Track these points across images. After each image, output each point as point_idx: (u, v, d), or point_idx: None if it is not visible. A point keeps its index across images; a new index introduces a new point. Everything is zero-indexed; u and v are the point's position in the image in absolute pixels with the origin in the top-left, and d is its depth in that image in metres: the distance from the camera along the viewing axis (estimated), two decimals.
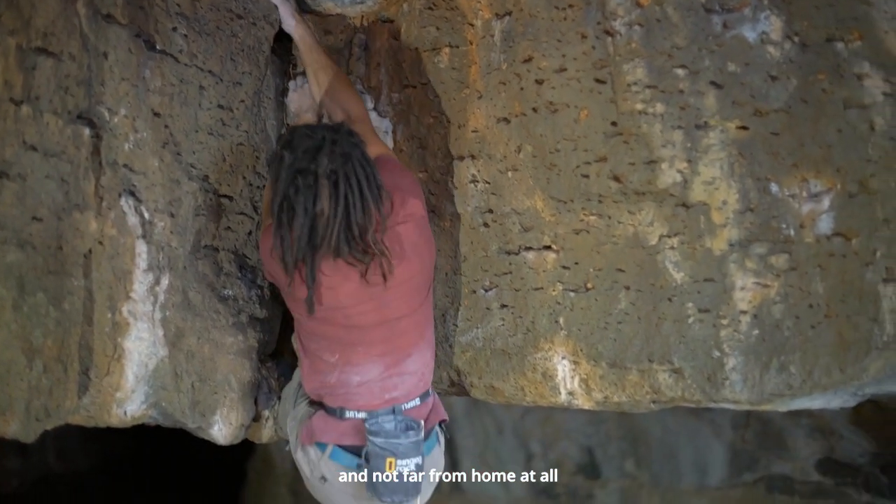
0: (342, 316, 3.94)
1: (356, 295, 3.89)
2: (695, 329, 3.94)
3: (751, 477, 9.32)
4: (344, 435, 4.04)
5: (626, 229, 4.01)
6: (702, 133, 3.80)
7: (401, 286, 3.95)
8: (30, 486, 13.64)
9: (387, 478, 3.91)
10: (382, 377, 4.04)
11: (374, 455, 3.91)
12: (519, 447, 10.30)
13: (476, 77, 4.25)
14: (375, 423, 3.97)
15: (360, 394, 4.03)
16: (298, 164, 3.66)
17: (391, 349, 4.04)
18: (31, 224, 3.41)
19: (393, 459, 3.90)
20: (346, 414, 4.04)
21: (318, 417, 4.10)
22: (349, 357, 4.00)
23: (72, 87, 3.57)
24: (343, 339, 4.00)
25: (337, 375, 4.04)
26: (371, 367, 4.02)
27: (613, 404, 4.20)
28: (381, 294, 3.91)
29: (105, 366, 3.80)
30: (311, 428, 4.10)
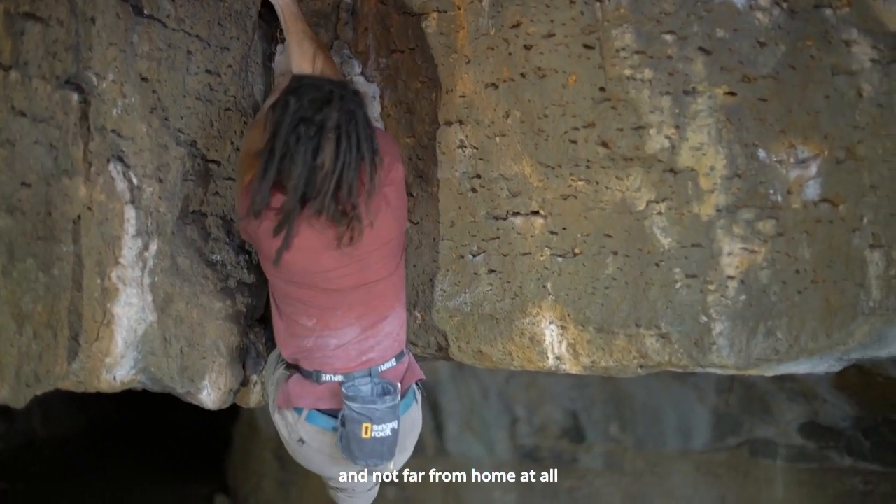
0: (322, 279, 3.94)
1: (337, 258, 3.89)
2: (682, 294, 3.95)
3: (734, 441, 9.39)
4: (320, 399, 4.07)
5: (614, 195, 4.01)
6: (690, 99, 3.79)
7: (381, 248, 3.98)
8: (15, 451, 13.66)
9: (363, 442, 3.94)
10: (359, 339, 4.06)
11: (351, 419, 3.94)
12: (504, 411, 10.34)
13: (464, 42, 4.23)
14: (352, 387, 4.00)
15: (336, 356, 4.05)
16: (304, 112, 3.65)
17: (369, 311, 4.06)
18: (19, 190, 3.39)
19: (369, 425, 3.93)
20: (323, 377, 4.07)
21: (294, 381, 4.13)
22: (327, 321, 4.02)
23: (60, 53, 3.55)
24: (322, 302, 4.01)
25: (314, 340, 4.07)
26: (349, 330, 4.04)
27: (601, 369, 4.22)
28: (362, 256, 3.92)
29: (94, 331, 3.80)
30: (287, 392, 4.12)
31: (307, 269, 3.90)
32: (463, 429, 10.55)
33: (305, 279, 3.94)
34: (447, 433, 10.60)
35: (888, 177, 3.70)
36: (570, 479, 10.07)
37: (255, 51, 4.56)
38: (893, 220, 3.72)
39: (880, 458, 8.80)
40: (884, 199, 3.72)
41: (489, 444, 10.48)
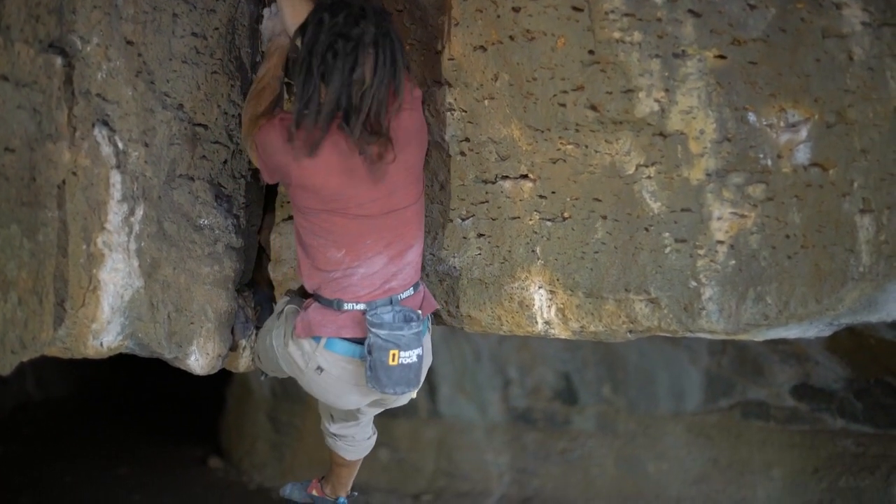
0: (354, 205, 3.91)
1: (367, 182, 3.88)
2: (671, 259, 3.94)
3: (727, 402, 9.42)
4: (343, 327, 4.04)
5: (604, 158, 4.00)
6: (679, 62, 3.76)
7: (408, 173, 3.99)
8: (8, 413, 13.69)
9: (391, 369, 3.95)
10: (384, 268, 4.04)
11: (378, 347, 3.94)
12: (496, 373, 10.37)
13: (453, 4, 4.19)
14: (376, 315, 3.98)
15: (360, 285, 4.02)
16: (340, 28, 3.66)
17: (397, 239, 4.04)
18: (3, 155, 3.36)
19: (396, 351, 3.94)
20: (345, 306, 4.03)
21: (315, 310, 4.09)
22: (358, 251, 3.99)
23: (43, 16, 3.51)
24: (352, 231, 3.98)
25: (342, 272, 4.03)
26: (377, 259, 4.03)
27: (590, 334, 4.21)
28: (391, 181, 3.91)
29: (80, 297, 3.78)
30: (308, 320, 4.09)
31: (337, 193, 3.88)
32: (455, 391, 10.59)
33: (335, 206, 3.91)
34: (440, 395, 10.63)
35: (879, 141, 3.66)
36: (562, 441, 10.10)
37: (242, 13, 4.51)
38: (884, 184, 3.69)
39: (872, 419, 8.83)
40: (874, 163, 3.68)
41: (482, 406, 10.52)
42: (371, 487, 10.86)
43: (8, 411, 13.72)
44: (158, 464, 12.07)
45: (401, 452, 10.90)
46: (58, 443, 12.62)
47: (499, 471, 10.38)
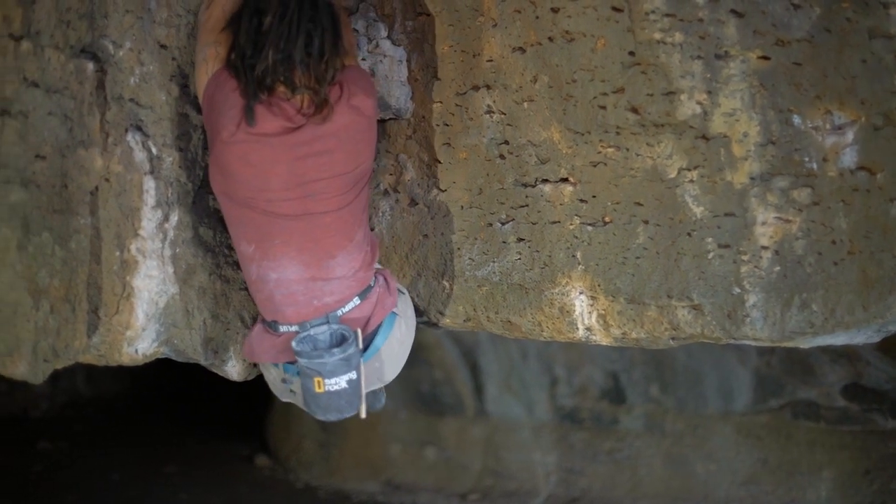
0: (264, 200, 3.81)
1: (285, 178, 3.78)
2: (715, 265, 3.87)
3: (776, 403, 9.31)
4: (281, 352, 4.01)
5: (645, 162, 3.93)
6: (722, 63, 3.69)
7: (332, 179, 3.86)
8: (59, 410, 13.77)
9: (317, 396, 3.87)
10: (305, 280, 3.92)
11: (303, 374, 3.87)
12: (543, 372, 10.32)
13: (490, 5, 4.15)
14: (303, 339, 3.89)
15: (286, 303, 3.92)
16: None
17: (311, 247, 3.91)
18: (34, 162, 3.37)
19: (320, 379, 3.84)
20: (280, 328, 3.97)
21: (256, 333, 4.08)
22: (266, 250, 3.89)
23: (73, 21, 3.51)
24: (261, 227, 3.88)
25: (256, 270, 3.94)
26: (288, 264, 3.90)
27: (632, 340, 4.15)
28: (311, 183, 3.81)
29: (114, 305, 3.77)
30: (250, 345, 4.09)
31: (251, 183, 3.77)
32: (502, 390, 10.54)
33: (246, 196, 3.81)
34: (487, 394, 10.59)
35: None
36: (610, 441, 10.03)
37: None
38: None
39: None
40: None
41: (529, 405, 10.46)
42: (418, 487, 10.84)
43: (58, 408, 13.81)
44: (205, 462, 12.08)
45: (448, 451, 10.87)
46: (106, 440, 12.66)
47: (546, 470, 10.33)
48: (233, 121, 3.70)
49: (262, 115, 3.71)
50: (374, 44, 4.51)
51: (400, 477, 11.07)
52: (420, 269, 4.56)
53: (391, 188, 4.60)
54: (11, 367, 3.40)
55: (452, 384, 10.75)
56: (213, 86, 3.80)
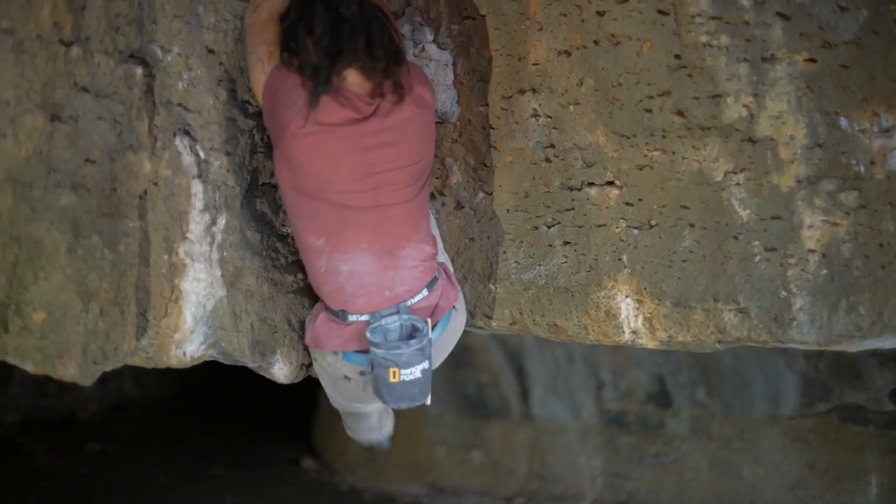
0: (335, 192, 3.85)
1: (354, 168, 3.83)
2: (761, 268, 3.86)
3: (824, 406, 9.24)
4: (349, 341, 4.00)
5: (691, 165, 3.93)
6: (768, 66, 3.69)
7: (400, 170, 3.91)
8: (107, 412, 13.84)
9: (392, 386, 3.89)
10: (377, 272, 3.94)
11: (378, 364, 3.88)
12: (589, 375, 10.30)
13: (536, 8, 4.15)
14: (377, 329, 3.91)
15: (357, 294, 3.94)
16: None
17: (382, 238, 3.95)
18: (84, 166, 3.40)
19: (396, 369, 3.86)
20: (349, 317, 3.97)
21: (322, 321, 4.07)
22: (337, 242, 3.92)
23: (123, 27, 3.53)
24: (332, 220, 3.91)
25: (325, 262, 3.96)
26: (360, 256, 3.93)
27: (678, 343, 4.14)
28: (380, 175, 3.86)
29: (163, 307, 3.79)
30: (315, 333, 4.08)
31: (321, 175, 3.82)
32: (548, 393, 10.52)
33: (317, 188, 3.85)
34: (533, 397, 10.58)
35: None
36: (656, 444, 10.00)
37: None
38: None
39: None
40: None
41: (575, 408, 10.44)
42: (463, 490, 10.84)
43: (106, 410, 13.89)
44: (251, 464, 12.12)
45: (493, 455, 10.86)
46: (153, 442, 12.73)
47: (592, 474, 10.29)
48: (300, 113, 3.74)
49: (329, 106, 3.76)
50: (420, 48, 4.53)
51: (445, 480, 11.07)
52: (466, 273, 4.57)
53: (437, 191, 4.61)
54: (62, 370, 3.42)
55: (498, 387, 10.74)
56: (274, 82, 3.84)
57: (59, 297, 3.34)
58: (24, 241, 3.22)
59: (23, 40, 3.17)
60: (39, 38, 3.23)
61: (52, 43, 3.27)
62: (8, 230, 3.16)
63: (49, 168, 3.27)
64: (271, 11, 3.94)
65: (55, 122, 3.28)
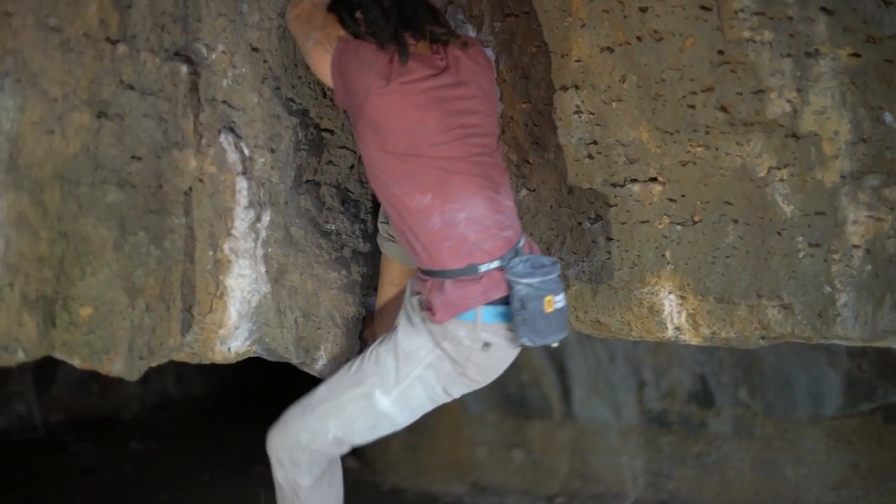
0: (427, 146, 3.81)
1: (441, 120, 3.82)
2: (805, 264, 3.84)
3: (868, 406, 9.19)
4: (488, 291, 3.82)
5: (734, 161, 3.92)
6: (812, 61, 3.67)
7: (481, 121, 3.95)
8: (150, 410, 13.91)
9: (548, 317, 3.76)
10: (491, 214, 3.86)
11: (531, 297, 3.73)
12: (631, 375, 10.27)
13: (578, 5, 4.14)
14: (516, 263, 3.79)
15: (481, 239, 3.82)
16: None
17: (486, 183, 3.90)
18: (130, 163, 3.44)
19: (551, 297, 3.75)
20: (480, 269, 3.81)
21: (451, 287, 3.84)
22: (446, 194, 3.82)
23: (168, 25, 3.57)
24: (433, 173, 3.84)
25: (439, 217, 3.82)
26: (473, 201, 3.85)
27: (721, 340, 4.13)
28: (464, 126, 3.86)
29: (208, 303, 3.82)
30: (447, 300, 3.83)
31: (412, 130, 3.80)
32: (590, 392, 10.50)
33: (409, 145, 3.81)
34: (574, 397, 10.56)
35: None
36: (698, 444, 9.97)
37: None
38: None
39: None
40: None
41: (616, 408, 10.42)
42: (505, 489, 10.83)
43: (149, 409, 13.95)
44: None
45: (535, 454, 10.84)
46: (196, 441, 12.78)
47: (633, 474, 10.26)
48: (379, 75, 3.75)
49: (406, 65, 3.80)
50: None
51: (487, 479, 11.06)
52: None
53: None
54: (108, 365, 3.46)
55: (540, 387, 10.73)
56: (343, 56, 3.84)
57: (106, 292, 3.38)
58: (72, 237, 3.26)
59: (70, 38, 3.22)
60: (86, 35, 3.27)
61: (98, 41, 3.31)
62: (55, 226, 3.21)
63: (96, 165, 3.31)
64: (314, 2, 3.97)
65: (102, 120, 3.32)
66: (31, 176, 3.13)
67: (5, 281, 3.07)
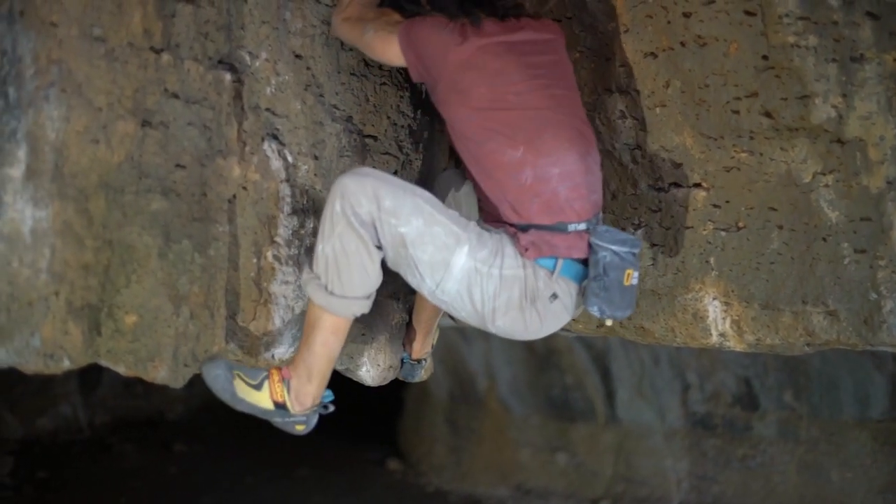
0: (513, 94, 3.73)
1: (522, 71, 3.75)
2: (850, 270, 3.82)
3: None
4: (573, 248, 3.76)
5: (779, 166, 3.90)
6: (857, 66, 3.65)
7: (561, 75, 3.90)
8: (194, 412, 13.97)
9: (625, 290, 3.72)
10: (583, 172, 3.80)
11: (614, 266, 3.69)
12: (675, 378, 10.26)
13: (622, 10, 4.14)
14: (603, 229, 3.74)
15: (572, 198, 3.75)
16: None
17: (578, 137, 3.82)
18: (174, 172, 3.44)
19: (631, 271, 3.70)
20: (569, 227, 3.76)
21: (537, 234, 3.76)
22: (538, 147, 3.72)
23: (211, 33, 3.58)
24: (523, 125, 3.74)
25: (531, 172, 3.73)
26: (566, 155, 3.76)
27: (766, 346, 4.11)
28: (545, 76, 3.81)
29: (251, 310, 3.82)
30: (535, 241, 3.75)
31: (494, 83, 3.74)
32: (634, 395, 10.50)
33: (494, 98, 3.74)
34: (618, 399, 10.55)
35: None
36: (743, 447, 9.93)
37: None
38: None
39: None
40: None
41: (660, 410, 10.40)
42: (548, 492, 10.84)
43: (193, 411, 14.03)
44: (337, 465, 12.19)
45: (579, 457, 10.85)
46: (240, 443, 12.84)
47: (677, 477, 10.25)
48: (455, 33, 3.74)
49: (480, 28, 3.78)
50: None
51: (531, 482, 11.08)
52: None
53: None
54: (153, 372, 3.47)
55: (583, 389, 10.73)
56: (410, 31, 3.83)
57: (151, 300, 3.39)
58: (117, 245, 3.27)
59: (114, 48, 3.23)
60: (131, 45, 3.28)
61: (142, 50, 3.32)
62: (100, 235, 3.22)
63: (140, 173, 3.32)
64: (361, 3, 3.98)
65: (146, 128, 3.33)
66: (76, 185, 3.14)
67: (51, 290, 3.09)
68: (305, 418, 3.83)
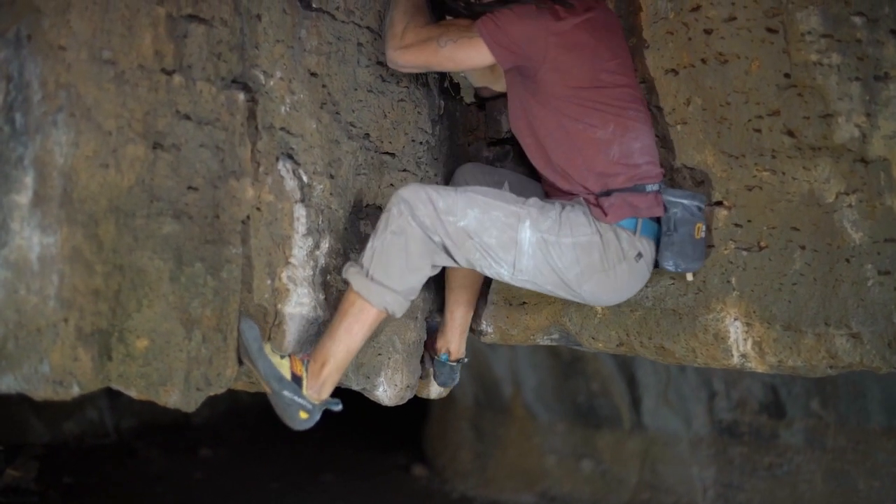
0: (606, 72, 3.91)
1: (605, 50, 3.92)
2: (874, 292, 3.76)
3: None
4: (651, 207, 3.95)
5: (801, 186, 3.85)
6: (881, 85, 3.59)
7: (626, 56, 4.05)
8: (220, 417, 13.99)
9: (696, 243, 3.97)
10: (653, 143, 4.08)
11: (684, 221, 3.95)
12: (701, 385, 10.22)
13: (643, 26, 4.11)
14: (672, 190, 4.01)
15: (646, 169, 3.97)
16: None
17: (647, 107, 4.09)
18: (186, 194, 3.41)
19: (701, 224, 3.97)
20: (648, 188, 3.95)
21: (618, 197, 3.92)
22: (624, 123, 3.92)
23: (224, 53, 3.54)
24: (613, 103, 3.93)
25: (618, 149, 3.92)
26: (643, 129, 3.99)
27: (788, 368, 4.06)
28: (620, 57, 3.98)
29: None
30: (617, 204, 3.90)
31: (589, 61, 3.88)
32: (660, 403, 10.46)
33: (590, 76, 3.88)
34: (644, 407, 10.52)
35: None
36: (769, 455, 9.87)
37: None
38: None
39: None
40: None
41: (686, 418, 10.36)
42: (574, 499, 10.81)
43: (220, 415, 14.05)
44: (362, 471, 12.19)
45: (604, 464, 10.81)
46: (265, 448, 12.86)
47: (703, 485, 10.21)
48: (550, 15, 3.83)
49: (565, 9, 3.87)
50: None
51: (556, 489, 11.04)
52: None
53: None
54: (165, 397, 3.44)
55: (609, 396, 10.69)
56: (496, 25, 3.88)
57: (162, 324, 3.36)
58: (127, 269, 3.24)
59: (124, 70, 3.19)
60: (141, 67, 3.25)
61: (153, 72, 3.29)
62: (111, 259, 3.18)
63: (152, 197, 3.28)
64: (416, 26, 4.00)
65: (157, 151, 3.30)
66: (85, 210, 3.10)
67: (59, 316, 3.05)
68: (312, 406, 3.82)
